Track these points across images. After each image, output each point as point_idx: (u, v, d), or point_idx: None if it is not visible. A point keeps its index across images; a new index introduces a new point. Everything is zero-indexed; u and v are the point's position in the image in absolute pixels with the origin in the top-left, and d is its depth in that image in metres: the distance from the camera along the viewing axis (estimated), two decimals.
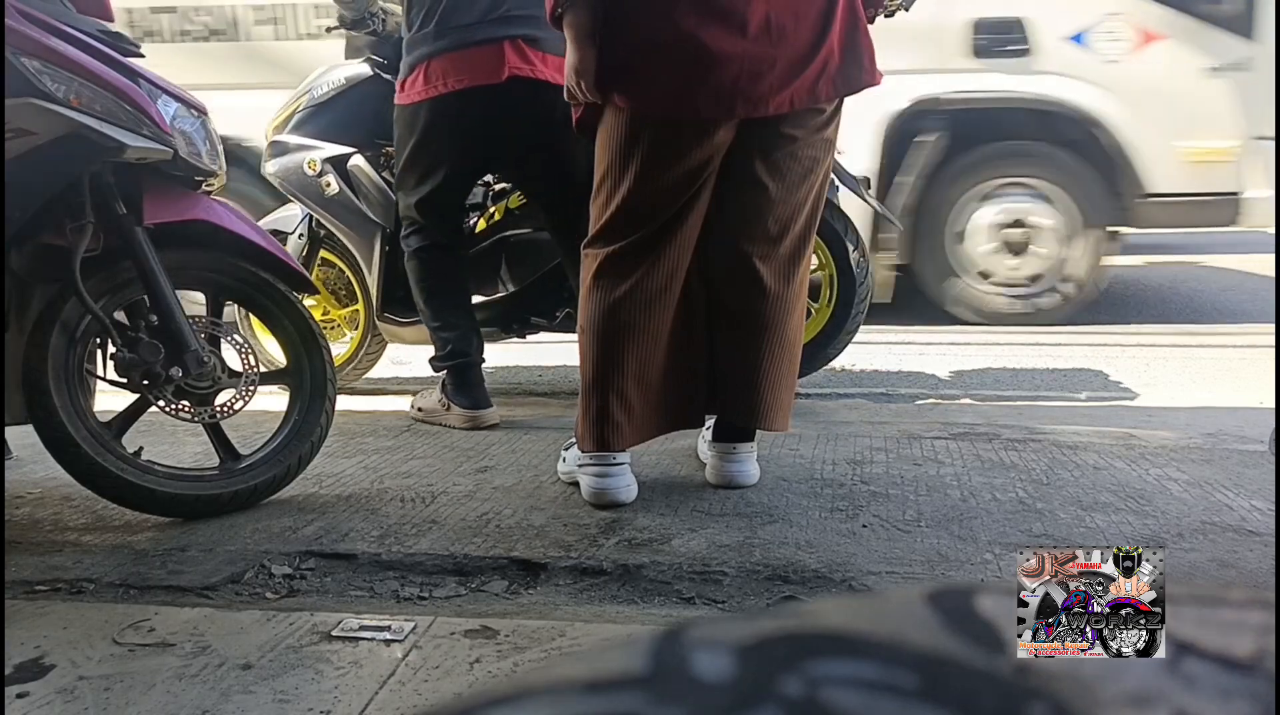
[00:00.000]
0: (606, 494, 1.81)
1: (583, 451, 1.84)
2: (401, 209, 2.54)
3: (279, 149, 2.79)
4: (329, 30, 2.98)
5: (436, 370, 2.56)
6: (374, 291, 2.79)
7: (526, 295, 2.76)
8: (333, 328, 3.02)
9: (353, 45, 2.85)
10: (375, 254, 2.76)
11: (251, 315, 2.02)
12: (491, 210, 2.73)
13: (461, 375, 2.52)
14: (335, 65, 2.91)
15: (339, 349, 2.89)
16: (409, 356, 3.37)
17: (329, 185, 2.71)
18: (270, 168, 2.77)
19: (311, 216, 2.81)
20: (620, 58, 1.63)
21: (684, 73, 1.59)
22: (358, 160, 2.75)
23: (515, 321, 2.79)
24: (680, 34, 1.57)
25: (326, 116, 2.78)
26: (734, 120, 1.65)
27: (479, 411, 2.50)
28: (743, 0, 1.56)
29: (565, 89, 1.72)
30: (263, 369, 1.98)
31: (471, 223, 2.73)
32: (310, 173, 2.72)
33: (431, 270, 2.50)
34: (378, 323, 2.81)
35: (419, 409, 2.60)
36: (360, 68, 2.81)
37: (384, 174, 2.78)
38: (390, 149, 2.76)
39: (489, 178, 2.73)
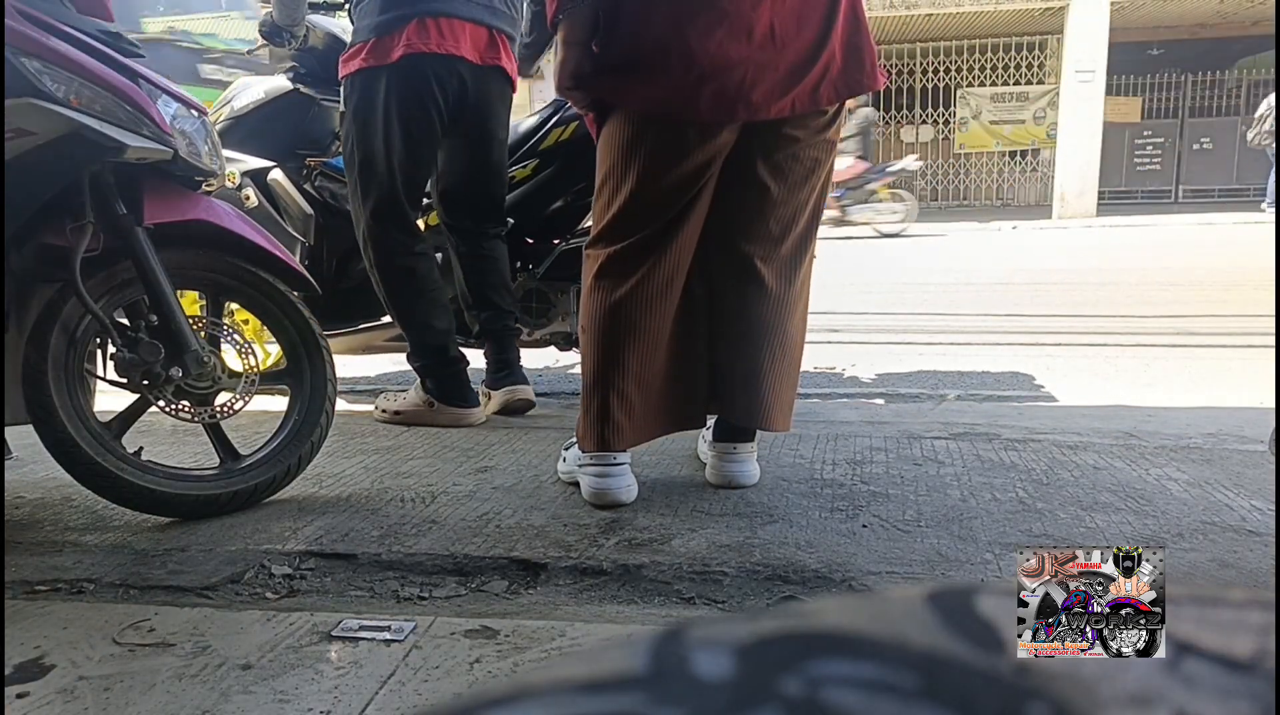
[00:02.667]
0: (607, 494, 1.81)
1: (583, 451, 1.84)
2: (357, 215, 2.44)
3: None
4: (249, 53, 2.96)
5: (426, 375, 2.53)
6: None
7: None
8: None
9: (276, 55, 2.84)
10: None
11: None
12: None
13: (455, 376, 2.54)
14: (256, 78, 2.92)
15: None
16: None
17: (248, 198, 2.73)
18: None
19: None
20: (624, 60, 1.64)
21: (686, 78, 1.60)
22: (277, 174, 2.76)
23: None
24: (684, 41, 1.58)
25: (246, 130, 2.79)
26: (736, 123, 1.65)
27: (473, 410, 2.54)
28: (747, 7, 1.56)
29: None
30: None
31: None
32: (229, 185, 2.72)
33: (409, 277, 2.44)
34: None
35: (395, 412, 2.56)
36: (279, 81, 2.80)
37: (305, 187, 2.78)
38: (314, 159, 2.77)
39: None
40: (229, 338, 1.89)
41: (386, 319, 2.77)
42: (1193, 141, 13.71)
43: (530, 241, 2.78)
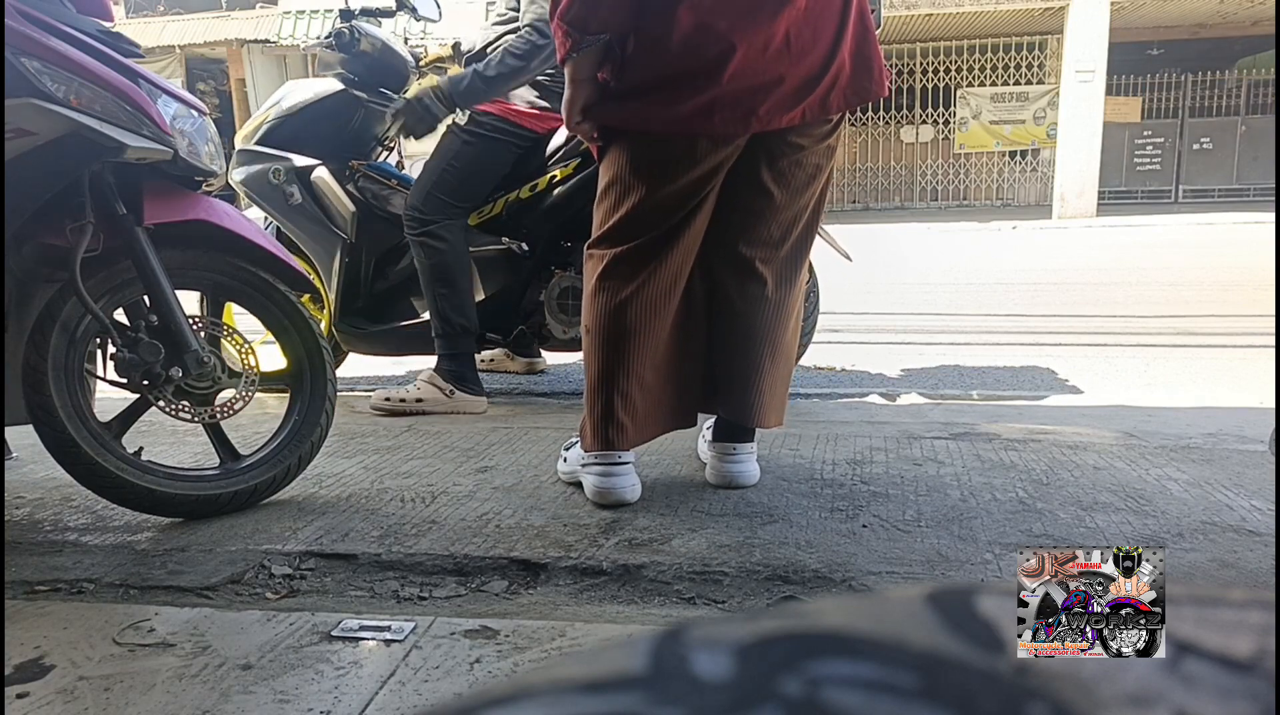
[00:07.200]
0: (611, 493, 1.81)
1: (586, 451, 1.84)
2: (418, 206, 2.64)
3: (246, 158, 2.86)
4: (302, 48, 3.08)
5: (448, 350, 2.67)
6: (333, 301, 2.83)
7: (483, 311, 2.81)
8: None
9: (323, 61, 2.91)
10: (335, 264, 2.82)
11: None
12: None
13: (470, 359, 2.71)
14: (305, 80, 2.99)
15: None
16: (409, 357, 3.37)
17: (292, 196, 2.77)
18: (237, 176, 2.84)
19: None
20: (643, 86, 1.64)
21: (705, 97, 1.60)
22: (321, 173, 2.81)
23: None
24: (704, 62, 1.58)
25: (292, 128, 2.84)
26: (749, 134, 1.66)
27: (483, 398, 2.70)
28: (765, 18, 1.56)
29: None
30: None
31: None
32: (274, 182, 2.78)
33: (451, 261, 2.64)
34: (336, 332, 2.85)
35: (417, 401, 2.66)
36: (329, 83, 2.86)
37: (348, 187, 2.84)
38: (357, 163, 2.87)
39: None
40: (229, 337, 1.89)
41: (422, 318, 2.80)
42: (1193, 141, 13.70)
43: (568, 243, 2.81)
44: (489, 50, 2.69)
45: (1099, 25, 11.60)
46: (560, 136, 2.68)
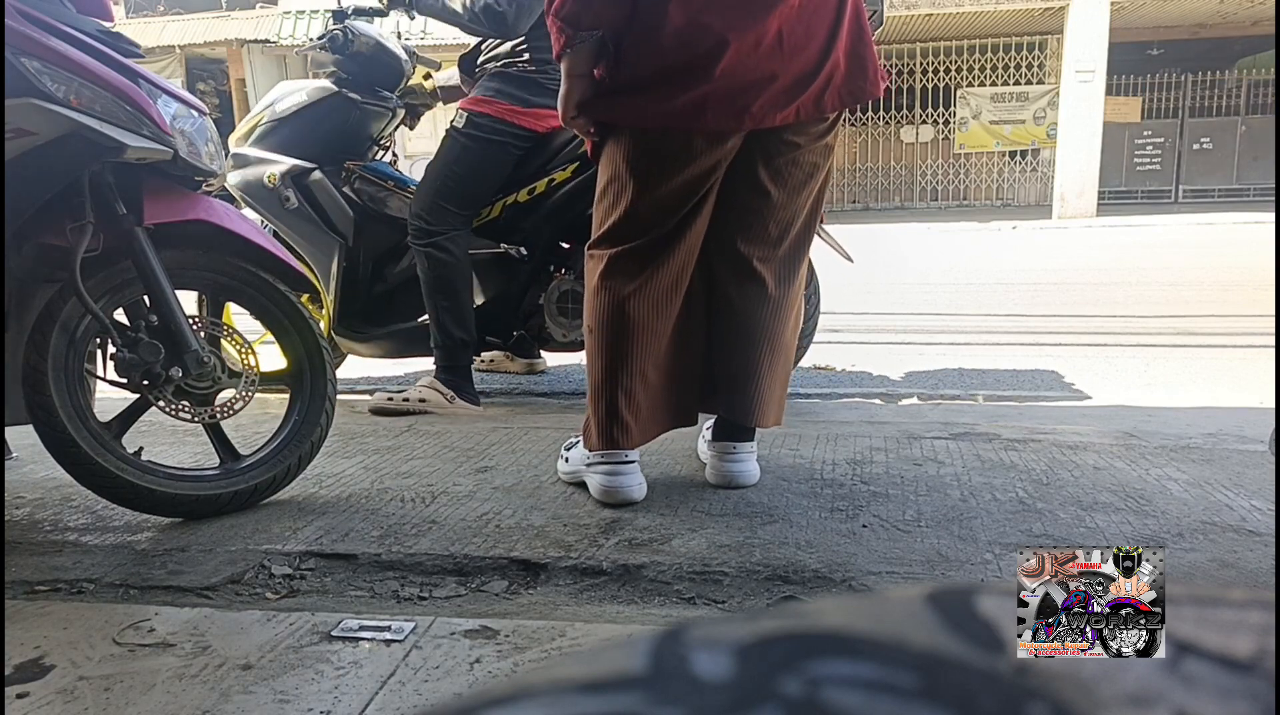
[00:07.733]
0: (619, 492, 1.81)
1: (591, 451, 1.84)
2: (423, 214, 2.63)
3: (241, 161, 2.84)
4: (295, 51, 3.07)
5: (447, 361, 2.67)
6: (331, 305, 2.82)
7: (481, 314, 2.80)
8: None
9: (317, 62, 2.90)
10: (333, 268, 2.81)
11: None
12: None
13: (467, 371, 2.71)
14: (298, 82, 2.98)
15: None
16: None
17: (288, 199, 2.77)
18: (232, 179, 2.83)
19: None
20: (638, 81, 1.65)
21: (699, 92, 1.60)
22: (319, 175, 2.80)
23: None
24: (697, 58, 1.59)
25: (287, 131, 2.83)
26: (743, 131, 1.66)
27: (479, 407, 2.70)
28: (758, 14, 1.56)
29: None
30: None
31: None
32: (269, 186, 2.76)
33: (454, 272, 2.64)
34: (334, 336, 2.84)
35: (420, 401, 2.67)
36: (322, 85, 2.86)
37: (344, 190, 2.82)
38: (352, 164, 2.85)
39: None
40: (229, 337, 1.89)
41: (422, 319, 2.80)
42: (1193, 141, 13.70)
43: (566, 245, 2.81)
44: (483, 48, 2.69)
45: (1099, 25, 11.60)
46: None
